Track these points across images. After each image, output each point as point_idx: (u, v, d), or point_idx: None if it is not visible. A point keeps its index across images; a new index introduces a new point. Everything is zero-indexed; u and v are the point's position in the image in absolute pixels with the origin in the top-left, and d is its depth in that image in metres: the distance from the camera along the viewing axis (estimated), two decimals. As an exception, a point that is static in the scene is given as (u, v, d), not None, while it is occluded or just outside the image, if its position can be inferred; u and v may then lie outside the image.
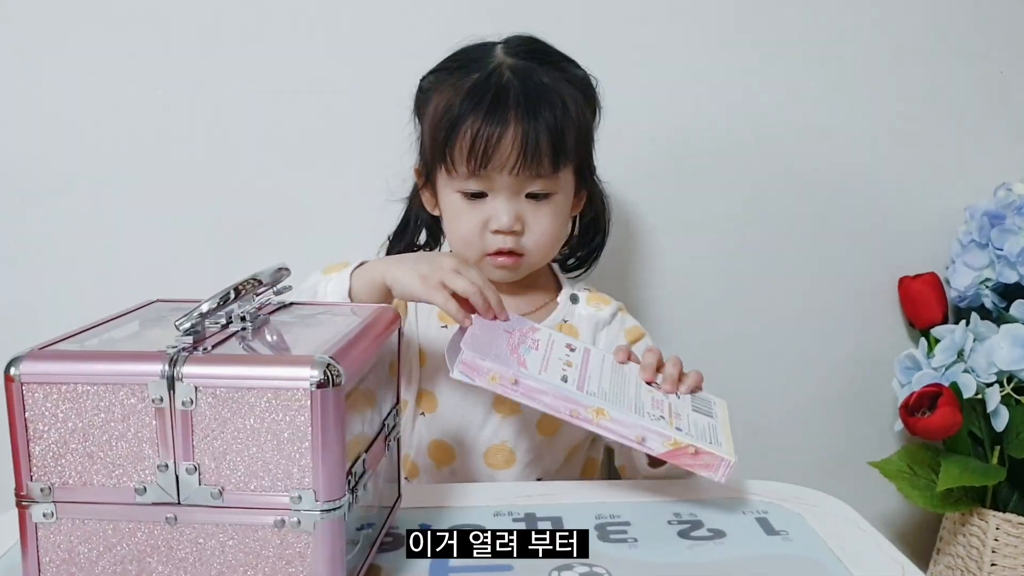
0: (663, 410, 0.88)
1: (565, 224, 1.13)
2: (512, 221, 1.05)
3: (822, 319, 1.54)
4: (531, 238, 1.08)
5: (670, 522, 0.84)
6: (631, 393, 0.89)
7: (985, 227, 1.44)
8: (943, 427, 1.34)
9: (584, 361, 0.92)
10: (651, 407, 0.87)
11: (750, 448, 1.56)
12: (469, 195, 1.07)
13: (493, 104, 1.03)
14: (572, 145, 1.06)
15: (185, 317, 0.64)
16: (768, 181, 1.49)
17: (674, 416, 0.88)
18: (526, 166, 1.03)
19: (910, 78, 1.49)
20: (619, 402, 0.85)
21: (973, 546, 1.43)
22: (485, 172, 1.04)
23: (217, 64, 1.36)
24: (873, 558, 0.78)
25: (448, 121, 1.04)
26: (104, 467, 0.62)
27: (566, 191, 1.10)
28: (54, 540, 0.63)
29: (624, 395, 0.88)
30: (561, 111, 1.05)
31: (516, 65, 1.07)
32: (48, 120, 1.35)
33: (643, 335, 1.17)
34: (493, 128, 1.02)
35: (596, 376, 0.89)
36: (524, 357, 0.86)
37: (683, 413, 0.89)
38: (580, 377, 0.87)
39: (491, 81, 1.05)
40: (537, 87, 1.05)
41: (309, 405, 0.60)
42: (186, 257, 1.39)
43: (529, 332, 0.93)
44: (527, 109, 1.03)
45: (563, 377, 0.86)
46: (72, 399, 0.61)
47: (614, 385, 0.89)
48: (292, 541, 0.62)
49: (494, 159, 1.02)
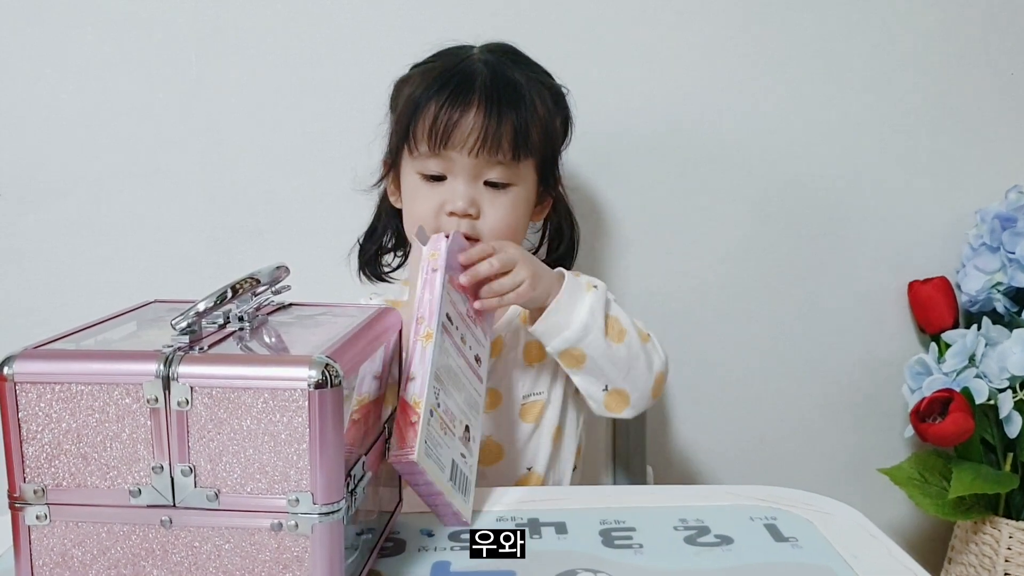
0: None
1: (523, 220, 1.12)
2: (467, 204, 1.06)
3: (831, 324, 1.53)
4: (486, 224, 1.08)
5: (676, 528, 0.82)
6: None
7: (996, 230, 1.42)
8: (955, 433, 1.33)
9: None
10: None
11: (758, 454, 1.56)
12: (428, 177, 1.08)
13: (459, 87, 1.06)
14: (536, 141, 1.08)
15: (181, 316, 0.63)
16: (775, 185, 1.48)
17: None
18: (486, 149, 1.04)
19: (919, 80, 1.47)
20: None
21: (986, 555, 1.40)
22: (445, 151, 1.05)
23: (214, 68, 1.35)
24: (885, 566, 0.76)
25: (413, 101, 1.07)
26: (98, 468, 0.61)
27: (526, 186, 1.10)
28: (47, 543, 0.62)
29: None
30: (528, 105, 1.07)
31: (488, 59, 1.10)
32: (46, 123, 1.35)
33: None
34: (456, 107, 1.04)
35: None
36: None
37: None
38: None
39: (459, 67, 1.08)
40: (506, 79, 1.08)
41: (307, 406, 0.59)
42: (185, 260, 1.38)
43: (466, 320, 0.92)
44: (492, 95, 1.05)
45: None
46: (66, 399, 0.60)
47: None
48: (289, 545, 0.61)
49: (454, 137, 1.04)
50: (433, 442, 0.77)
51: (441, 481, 0.77)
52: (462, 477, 0.81)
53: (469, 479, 0.82)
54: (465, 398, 0.85)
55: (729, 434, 1.53)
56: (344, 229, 1.25)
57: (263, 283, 0.72)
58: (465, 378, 0.86)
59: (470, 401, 0.86)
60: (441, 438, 0.79)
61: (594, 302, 1.01)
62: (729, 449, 1.54)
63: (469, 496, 0.82)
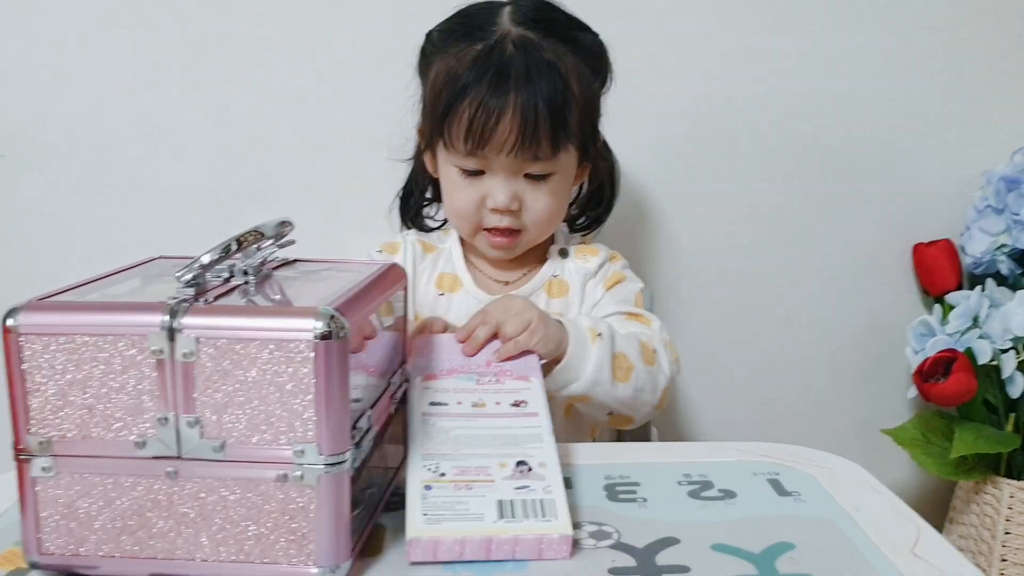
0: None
1: (564, 200, 1.13)
2: (509, 200, 1.06)
3: (836, 287, 1.53)
4: (529, 216, 1.08)
5: (680, 483, 0.82)
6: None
7: (1002, 192, 1.42)
8: (957, 393, 1.33)
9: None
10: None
11: (763, 416, 1.56)
12: (467, 172, 1.07)
13: (493, 82, 1.01)
14: (574, 126, 1.06)
15: (186, 269, 0.63)
16: (781, 148, 1.47)
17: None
18: (524, 148, 1.02)
19: (925, 42, 1.46)
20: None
21: (987, 514, 1.41)
22: (483, 152, 1.03)
23: (219, 24, 1.34)
24: (888, 519, 0.76)
25: (448, 96, 1.03)
26: (103, 420, 0.61)
27: (566, 170, 1.09)
28: (53, 495, 0.62)
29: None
30: (563, 90, 1.03)
31: (520, 37, 1.04)
32: (49, 84, 1.34)
33: (622, 279, 1.16)
34: (492, 110, 1.01)
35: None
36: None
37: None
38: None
39: (493, 56, 1.03)
40: (539, 64, 1.03)
41: (313, 357, 0.59)
42: (189, 220, 1.38)
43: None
44: (527, 90, 1.01)
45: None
46: (71, 351, 0.60)
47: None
48: (295, 496, 0.61)
49: (492, 141, 1.02)
50: (444, 507, 0.70)
51: (481, 530, 0.69)
52: (528, 505, 0.72)
53: (544, 501, 0.71)
54: (503, 442, 0.77)
55: (733, 396, 1.54)
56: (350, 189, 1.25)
57: (267, 236, 0.72)
58: (496, 429, 0.79)
59: (517, 440, 0.78)
60: (460, 495, 0.72)
61: (600, 354, 0.98)
62: (733, 411, 1.54)
63: (556, 516, 0.70)
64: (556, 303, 1.14)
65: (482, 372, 0.82)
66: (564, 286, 1.15)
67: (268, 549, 0.62)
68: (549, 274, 1.16)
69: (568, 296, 1.15)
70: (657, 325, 1.10)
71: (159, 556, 0.62)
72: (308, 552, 0.62)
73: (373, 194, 1.26)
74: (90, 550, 0.63)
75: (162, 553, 0.62)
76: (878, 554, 0.69)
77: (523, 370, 0.85)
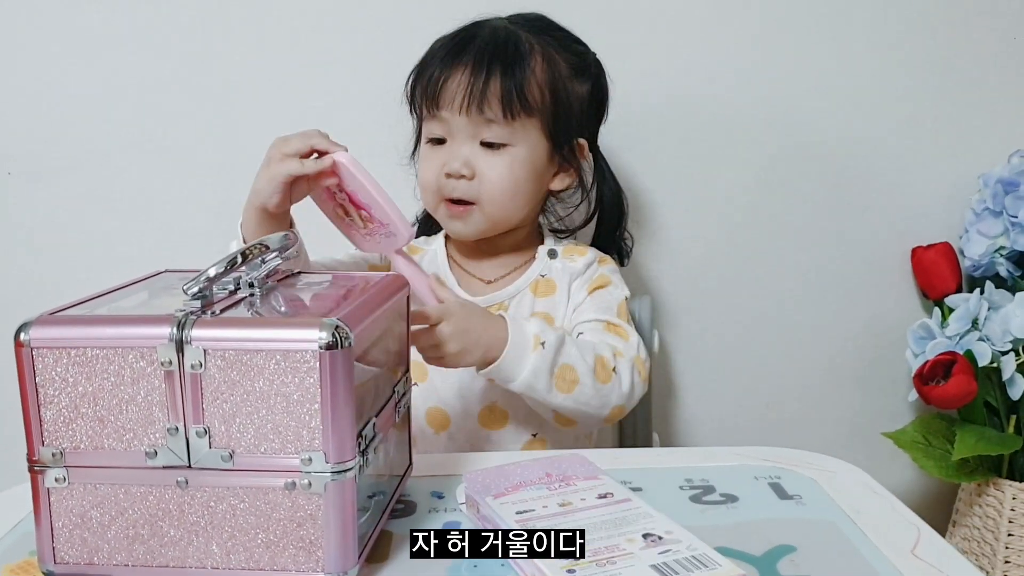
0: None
1: (525, 182, 1.10)
2: (461, 165, 1.08)
3: (834, 290, 1.53)
4: (482, 185, 1.09)
5: (681, 487, 0.83)
6: None
7: (999, 194, 1.42)
8: (958, 395, 1.33)
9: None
10: None
11: (763, 419, 1.57)
12: (433, 141, 1.11)
13: (455, 49, 1.08)
14: (536, 100, 1.08)
15: (193, 281, 0.64)
16: (778, 151, 1.48)
17: None
18: (474, 106, 1.05)
19: (922, 45, 1.47)
20: None
21: (989, 516, 1.42)
22: (438, 112, 1.08)
23: (223, 36, 1.35)
24: (889, 522, 0.77)
25: (419, 67, 1.11)
26: (115, 431, 0.62)
27: (528, 147, 1.09)
28: (66, 505, 0.63)
29: None
30: (527, 63, 1.07)
31: (501, 24, 1.11)
32: (54, 99, 1.35)
33: (607, 283, 1.16)
34: (446, 68, 1.07)
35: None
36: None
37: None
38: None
39: (467, 31, 1.10)
40: (507, 40, 1.08)
41: (318, 367, 0.60)
42: (194, 233, 1.39)
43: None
44: (484, 53, 1.06)
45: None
46: (82, 363, 0.61)
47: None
48: (303, 503, 0.62)
49: (443, 96, 1.07)
50: None
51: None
52: (684, 563, 0.67)
53: (696, 556, 0.67)
54: (616, 525, 0.73)
55: (733, 400, 1.54)
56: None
57: (272, 249, 0.73)
58: (599, 518, 0.75)
59: (627, 521, 0.74)
60: (608, 570, 0.66)
61: (538, 363, 0.98)
62: (734, 415, 1.55)
63: (719, 564, 0.67)
64: (542, 302, 1.15)
65: (547, 482, 0.79)
66: (551, 285, 1.16)
67: (277, 556, 0.63)
68: (536, 273, 1.16)
69: (555, 295, 1.15)
70: (634, 340, 1.10)
71: (171, 564, 0.64)
72: (316, 559, 0.63)
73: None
74: (104, 559, 0.64)
75: (174, 561, 0.64)
76: (879, 556, 0.70)
77: (586, 471, 0.81)
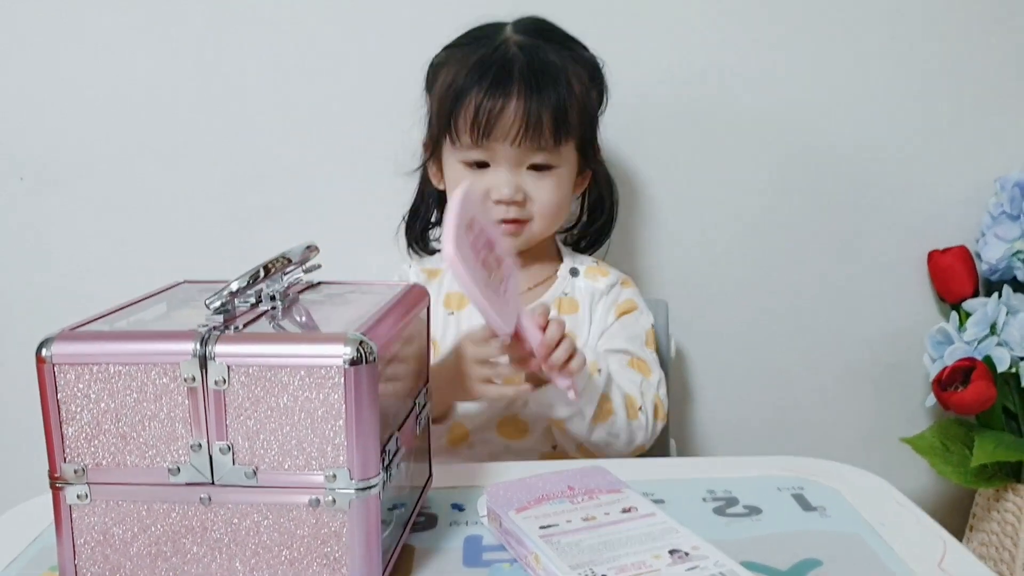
0: None
1: (568, 197, 1.15)
2: (513, 192, 1.08)
3: (850, 294, 1.52)
4: (536, 207, 1.11)
5: (704, 499, 0.83)
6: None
7: (1016, 198, 1.41)
8: (977, 401, 1.33)
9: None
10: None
11: (779, 425, 1.56)
12: (472, 164, 1.10)
13: (498, 76, 1.06)
14: (575, 121, 1.09)
15: (215, 296, 0.63)
16: (794, 155, 1.47)
17: None
18: (528, 138, 1.06)
19: (938, 48, 1.46)
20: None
21: (1008, 522, 1.41)
22: (487, 142, 1.07)
23: (235, 44, 1.35)
24: (914, 534, 0.76)
25: (453, 92, 1.08)
26: (137, 448, 0.62)
27: (568, 165, 1.12)
28: (88, 522, 0.63)
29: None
30: (565, 87, 1.08)
31: (523, 42, 1.10)
32: (66, 105, 1.35)
33: (633, 309, 1.18)
34: (496, 99, 1.05)
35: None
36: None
37: None
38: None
39: (497, 54, 1.08)
40: (543, 63, 1.08)
41: (343, 383, 0.59)
42: (207, 240, 1.39)
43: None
44: (531, 82, 1.06)
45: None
46: (104, 380, 0.61)
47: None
48: (327, 520, 0.62)
49: (496, 129, 1.05)
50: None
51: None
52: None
53: (724, 572, 0.66)
54: (641, 541, 0.72)
55: (750, 405, 1.54)
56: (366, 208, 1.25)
57: (294, 262, 0.73)
58: (623, 533, 0.74)
59: (652, 536, 0.72)
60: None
61: (592, 388, 1.01)
62: (750, 420, 1.54)
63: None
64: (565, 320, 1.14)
65: (570, 496, 0.78)
66: (574, 304, 1.17)
67: (301, 573, 0.62)
68: (559, 291, 1.17)
69: (578, 314, 1.17)
70: (656, 379, 1.11)
71: (194, 581, 0.63)
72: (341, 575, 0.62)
73: (390, 211, 1.27)
74: (126, 576, 0.63)
75: (196, 578, 0.63)
76: (905, 569, 0.70)
77: (608, 484, 0.80)
